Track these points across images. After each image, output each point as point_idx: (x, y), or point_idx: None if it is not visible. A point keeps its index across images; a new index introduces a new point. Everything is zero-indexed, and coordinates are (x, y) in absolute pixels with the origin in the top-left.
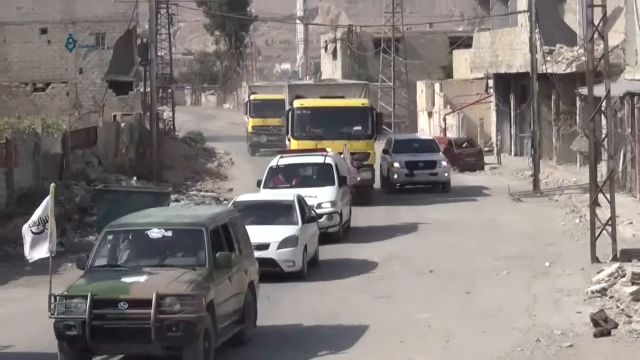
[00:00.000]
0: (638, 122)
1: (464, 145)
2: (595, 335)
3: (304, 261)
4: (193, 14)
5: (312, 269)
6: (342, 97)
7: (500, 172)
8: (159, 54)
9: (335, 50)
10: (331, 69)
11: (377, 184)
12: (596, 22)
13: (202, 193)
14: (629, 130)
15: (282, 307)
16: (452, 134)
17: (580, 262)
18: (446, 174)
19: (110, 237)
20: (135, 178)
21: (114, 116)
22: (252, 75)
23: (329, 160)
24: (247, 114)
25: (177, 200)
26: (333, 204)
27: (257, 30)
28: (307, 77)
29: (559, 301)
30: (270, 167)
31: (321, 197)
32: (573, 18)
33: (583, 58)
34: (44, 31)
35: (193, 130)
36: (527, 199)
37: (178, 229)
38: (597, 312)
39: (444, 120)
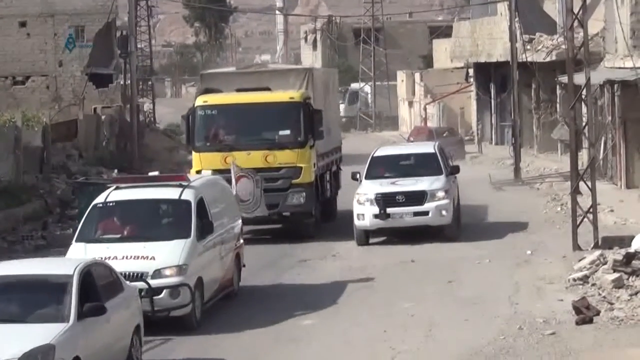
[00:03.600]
0: (618, 110)
1: (444, 134)
2: (577, 323)
3: None
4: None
5: None
6: (268, 89)
7: (481, 161)
8: (139, 46)
9: (315, 40)
10: (311, 60)
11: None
12: (576, 10)
13: None
14: (609, 118)
15: None
16: (432, 124)
17: (562, 250)
18: (444, 212)
19: None
20: (116, 170)
21: (94, 109)
22: (232, 66)
23: (187, 195)
24: None
25: None
26: (180, 270)
27: (236, 22)
28: None
29: (541, 289)
30: (95, 206)
31: (162, 258)
32: (553, 7)
33: (563, 46)
34: (23, 24)
35: (173, 122)
36: (509, 188)
37: None
38: (579, 300)
39: (425, 109)
